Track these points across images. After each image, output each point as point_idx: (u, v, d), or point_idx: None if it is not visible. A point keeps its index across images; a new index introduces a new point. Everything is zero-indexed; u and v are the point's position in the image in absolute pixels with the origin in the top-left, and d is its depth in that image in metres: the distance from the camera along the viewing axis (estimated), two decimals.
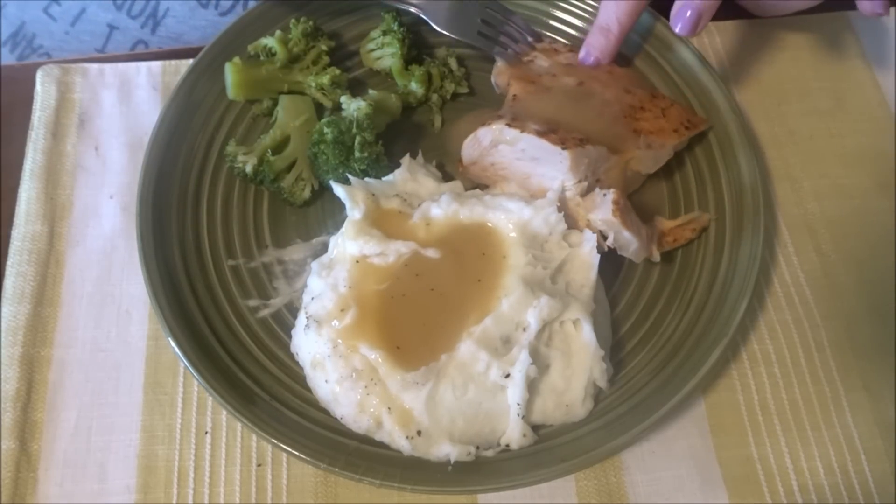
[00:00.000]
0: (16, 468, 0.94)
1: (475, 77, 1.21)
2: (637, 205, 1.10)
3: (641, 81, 1.14)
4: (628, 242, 0.99)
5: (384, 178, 1.05)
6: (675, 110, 1.10)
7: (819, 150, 1.20)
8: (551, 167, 1.01)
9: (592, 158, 1.00)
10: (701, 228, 1.07)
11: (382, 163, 1.06)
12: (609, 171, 1.04)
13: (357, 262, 0.96)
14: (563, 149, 0.98)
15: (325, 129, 1.03)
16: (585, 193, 1.01)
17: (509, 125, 1.01)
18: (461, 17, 1.14)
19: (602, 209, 0.98)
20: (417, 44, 1.19)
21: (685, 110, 1.11)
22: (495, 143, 1.03)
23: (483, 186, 1.10)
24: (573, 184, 1.00)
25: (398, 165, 1.06)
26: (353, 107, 1.05)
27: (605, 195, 0.99)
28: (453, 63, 1.18)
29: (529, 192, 1.05)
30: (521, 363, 0.88)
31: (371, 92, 1.11)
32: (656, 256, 1.03)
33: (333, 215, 1.08)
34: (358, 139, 1.03)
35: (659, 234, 1.04)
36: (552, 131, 1.01)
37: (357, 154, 1.03)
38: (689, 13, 0.99)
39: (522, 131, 1.00)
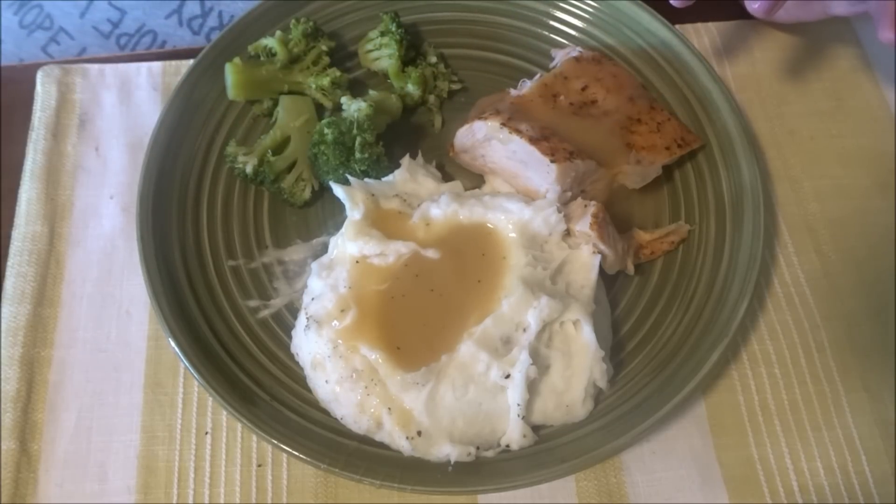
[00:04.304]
0: (16, 468, 0.94)
1: (467, 74, 1.20)
2: (636, 203, 1.10)
3: (642, 90, 1.14)
4: (603, 254, 0.98)
5: (384, 179, 1.05)
6: (671, 125, 1.09)
7: (819, 150, 1.20)
8: (538, 174, 1.01)
9: (580, 172, 1.01)
10: (679, 240, 1.07)
11: (383, 163, 1.05)
12: (595, 182, 1.04)
13: (357, 262, 0.96)
14: (552, 161, 0.98)
15: (326, 130, 1.03)
16: (568, 202, 1.02)
17: (504, 124, 1.01)
18: None
19: (582, 220, 0.98)
20: (415, 45, 1.18)
21: (680, 126, 1.10)
22: (488, 138, 1.03)
23: (474, 175, 1.11)
24: (558, 194, 1.00)
25: (398, 166, 1.06)
26: (354, 107, 1.05)
27: (586, 206, 0.99)
28: (441, 64, 1.17)
29: (515, 189, 1.06)
30: (521, 364, 0.88)
31: (371, 92, 1.11)
32: (631, 269, 1.03)
33: (333, 216, 1.08)
34: (358, 140, 1.03)
35: (636, 247, 1.04)
36: (545, 138, 1.01)
37: (357, 155, 1.03)
38: None
39: (515, 134, 1.00)
